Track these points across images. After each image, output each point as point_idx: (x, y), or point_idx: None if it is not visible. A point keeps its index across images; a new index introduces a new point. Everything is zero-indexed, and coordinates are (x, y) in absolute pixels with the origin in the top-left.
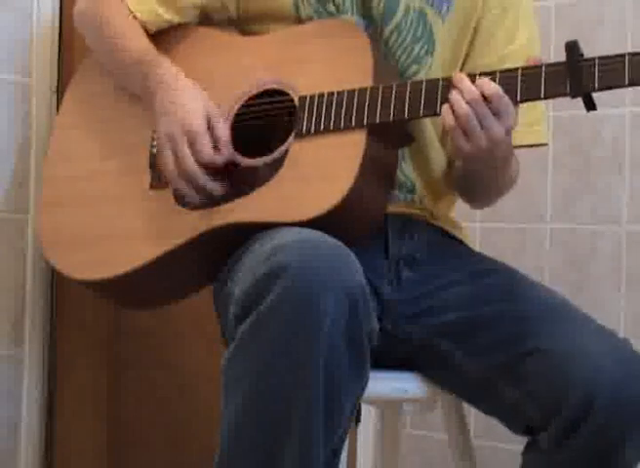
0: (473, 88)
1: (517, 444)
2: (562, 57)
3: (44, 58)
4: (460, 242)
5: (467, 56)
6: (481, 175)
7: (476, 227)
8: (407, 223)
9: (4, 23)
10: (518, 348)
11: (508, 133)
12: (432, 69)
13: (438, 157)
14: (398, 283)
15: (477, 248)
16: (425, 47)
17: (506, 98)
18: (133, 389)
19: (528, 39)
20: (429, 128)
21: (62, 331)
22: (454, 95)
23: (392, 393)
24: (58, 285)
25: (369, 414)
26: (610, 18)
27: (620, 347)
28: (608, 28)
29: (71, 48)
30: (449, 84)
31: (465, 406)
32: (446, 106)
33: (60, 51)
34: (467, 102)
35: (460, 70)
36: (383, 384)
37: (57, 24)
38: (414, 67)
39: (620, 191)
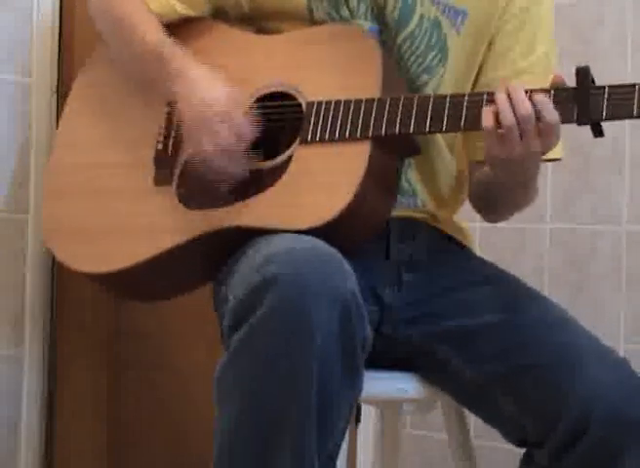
0: (528, 104)
1: None
2: (561, 57)
3: (44, 57)
4: (462, 246)
5: (481, 68)
6: (507, 187)
7: (476, 227)
8: (408, 226)
9: (4, 23)
10: (517, 359)
11: (547, 149)
12: (444, 80)
13: (446, 168)
14: (399, 286)
15: (477, 248)
16: (438, 57)
17: (558, 122)
18: (133, 389)
19: (545, 53)
20: (439, 137)
21: (62, 332)
22: (503, 101)
23: (392, 393)
24: (58, 285)
25: (369, 414)
26: (610, 18)
27: (618, 364)
28: (608, 28)
29: (71, 48)
30: (456, 101)
31: None
32: (489, 109)
33: (60, 51)
34: (517, 116)
35: (474, 83)
36: (383, 384)
37: (57, 24)
38: (424, 77)
39: (620, 191)
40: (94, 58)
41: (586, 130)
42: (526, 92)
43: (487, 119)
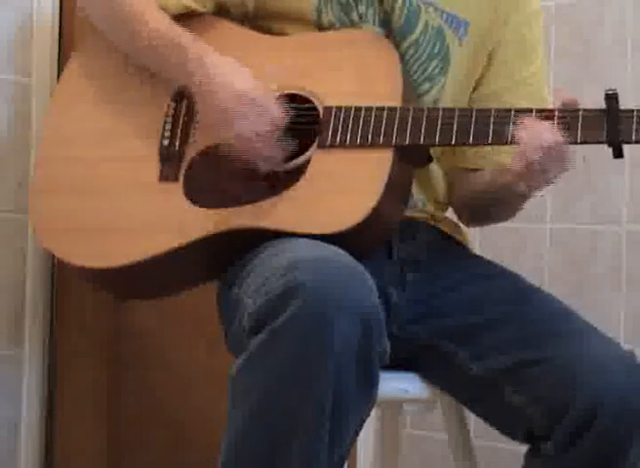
0: (549, 135)
1: (517, 444)
2: (561, 57)
3: (44, 57)
4: (461, 244)
5: (482, 78)
6: (506, 201)
7: (476, 227)
8: (408, 226)
9: (4, 23)
10: (524, 352)
11: (562, 173)
12: (445, 89)
13: (436, 171)
14: (403, 286)
15: (477, 248)
16: (440, 65)
17: (570, 151)
18: (133, 389)
19: (541, 66)
20: None
21: (62, 331)
22: (526, 138)
23: (393, 393)
24: (58, 285)
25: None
26: (610, 18)
27: (625, 356)
28: (608, 28)
29: (71, 48)
30: (483, 116)
31: None
32: (515, 152)
33: (59, 51)
34: (540, 150)
35: (472, 92)
36: (384, 384)
37: (57, 24)
38: (426, 85)
39: (620, 191)
40: (83, 50)
41: None
42: (540, 113)
43: (516, 163)
